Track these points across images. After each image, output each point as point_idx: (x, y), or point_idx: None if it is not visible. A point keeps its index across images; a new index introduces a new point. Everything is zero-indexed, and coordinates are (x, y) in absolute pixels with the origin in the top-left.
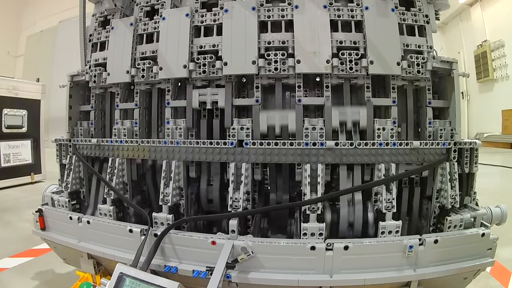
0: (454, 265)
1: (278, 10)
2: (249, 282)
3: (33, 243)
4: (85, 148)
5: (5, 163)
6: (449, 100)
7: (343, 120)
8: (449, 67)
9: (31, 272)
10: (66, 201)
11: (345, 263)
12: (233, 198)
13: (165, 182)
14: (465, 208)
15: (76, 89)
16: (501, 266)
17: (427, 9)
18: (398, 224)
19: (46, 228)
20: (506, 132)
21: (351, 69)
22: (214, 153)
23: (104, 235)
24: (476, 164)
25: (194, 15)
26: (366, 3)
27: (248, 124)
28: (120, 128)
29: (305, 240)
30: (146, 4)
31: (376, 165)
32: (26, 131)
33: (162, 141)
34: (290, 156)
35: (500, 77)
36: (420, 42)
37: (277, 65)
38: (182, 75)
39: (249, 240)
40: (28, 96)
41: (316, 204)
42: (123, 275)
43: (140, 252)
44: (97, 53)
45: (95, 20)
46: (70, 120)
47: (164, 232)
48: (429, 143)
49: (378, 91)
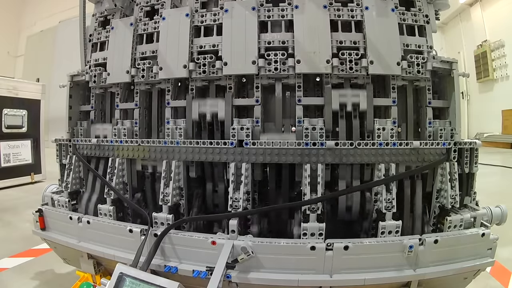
0: (454, 265)
1: (278, 10)
2: (249, 282)
3: (33, 243)
4: (85, 148)
5: (5, 163)
6: (449, 100)
7: (343, 102)
8: (449, 67)
9: (31, 272)
10: (66, 201)
11: (345, 263)
12: (233, 198)
13: (165, 182)
14: (465, 208)
15: (76, 89)
16: (501, 266)
17: (427, 9)
18: (398, 224)
19: (46, 228)
20: (506, 132)
21: (351, 69)
22: (214, 153)
23: (104, 235)
24: (476, 164)
25: (194, 15)
26: (366, 3)
27: (248, 124)
28: (120, 128)
29: (305, 240)
30: (146, 4)
31: (376, 165)
32: (26, 131)
33: (162, 141)
34: (290, 156)
35: (500, 77)
36: (420, 42)
37: (277, 65)
38: (182, 75)
39: (249, 240)
40: (28, 96)
41: (316, 204)
42: (123, 275)
43: (140, 252)
44: (97, 53)
45: (95, 20)
46: (70, 120)
47: (164, 232)
48: (429, 143)
49: (378, 91)
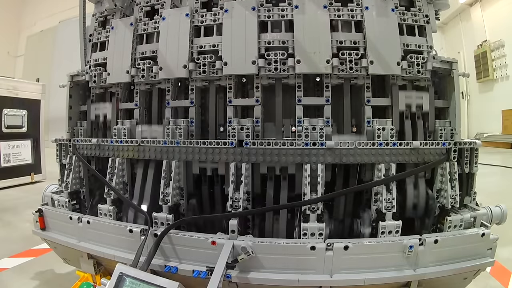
0: (454, 265)
1: (278, 10)
2: (249, 282)
3: (33, 243)
4: (85, 148)
5: (5, 163)
6: (449, 100)
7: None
8: (449, 67)
9: (31, 272)
10: (66, 201)
11: (345, 263)
12: (233, 198)
13: (165, 182)
14: (465, 208)
15: (76, 89)
16: (501, 266)
17: (427, 9)
18: (398, 224)
19: (46, 228)
20: (506, 132)
21: (351, 69)
22: (214, 153)
23: (104, 235)
24: (476, 164)
25: (194, 15)
26: (366, 3)
27: (248, 124)
28: (120, 128)
29: (305, 240)
30: (146, 4)
31: (376, 165)
32: (26, 131)
33: (162, 141)
34: (290, 156)
35: (500, 77)
36: (420, 42)
37: (277, 65)
38: (182, 75)
39: (249, 240)
40: (28, 96)
41: (316, 204)
42: (123, 275)
43: (140, 252)
44: (97, 53)
45: (95, 20)
46: (70, 120)
47: (164, 232)
48: (429, 143)
49: (378, 91)
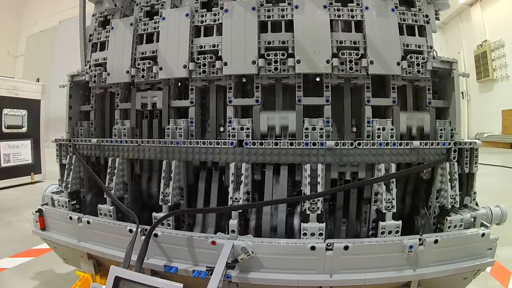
0: (454, 265)
1: (278, 10)
2: (249, 282)
3: (33, 243)
4: (85, 148)
5: (5, 163)
6: (449, 100)
7: None
8: (449, 67)
9: (31, 272)
10: (66, 201)
11: (345, 263)
12: (233, 198)
13: (165, 182)
14: (465, 208)
15: (76, 89)
16: (501, 266)
17: (427, 9)
18: (398, 224)
19: (46, 228)
20: (506, 132)
21: (351, 69)
22: (214, 153)
23: (104, 235)
24: (476, 164)
25: (194, 15)
26: (366, 3)
27: (248, 124)
28: (120, 128)
29: (305, 240)
30: (146, 4)
31: (376, 165)
32: (26, 131)
33: (162, 141)
34: (290, 156)
35: (500, 77)
36: (420, 42)
37: (277, 65)
38: (182, 75)
39: (249, 240)
40: (28, 96)
41: (316, 204)
42: (119, 279)
43: (130, 251)
44: (97, 53)
45: (95, 20)
46: (70, 120)
47: (153, 227)
48: (429, 143)
49: (378, 91)
